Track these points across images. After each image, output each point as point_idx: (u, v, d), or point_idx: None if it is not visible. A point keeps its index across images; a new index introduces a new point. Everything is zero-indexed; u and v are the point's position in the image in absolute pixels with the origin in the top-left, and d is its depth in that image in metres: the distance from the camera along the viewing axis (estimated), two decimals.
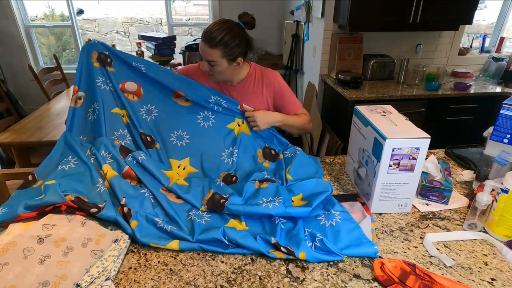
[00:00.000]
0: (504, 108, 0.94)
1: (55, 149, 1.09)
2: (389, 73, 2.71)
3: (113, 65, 1.19)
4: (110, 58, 1.19)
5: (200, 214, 0.93)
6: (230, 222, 0.89)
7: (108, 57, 1.18)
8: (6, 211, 0.84)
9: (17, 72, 3.52)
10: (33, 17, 3.77)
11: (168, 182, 1.03)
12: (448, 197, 0.99)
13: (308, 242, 0.81)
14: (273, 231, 0.86)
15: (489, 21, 3.31)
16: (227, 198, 0.96)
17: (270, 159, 1.21)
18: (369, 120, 0.96)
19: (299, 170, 1.11)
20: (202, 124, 1.20)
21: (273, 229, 0.87)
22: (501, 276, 0.75)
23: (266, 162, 1.20)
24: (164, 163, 1.15)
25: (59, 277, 0.68)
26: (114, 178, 0.97)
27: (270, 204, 0.90)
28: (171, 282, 0.73)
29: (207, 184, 1.06)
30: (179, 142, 1.18)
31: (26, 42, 3.48)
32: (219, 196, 0.97)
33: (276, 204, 0.90)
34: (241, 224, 0.89)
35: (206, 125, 1.20)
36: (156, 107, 1.20)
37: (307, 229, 0.85)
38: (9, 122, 2.14)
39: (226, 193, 0.99)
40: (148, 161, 1.07)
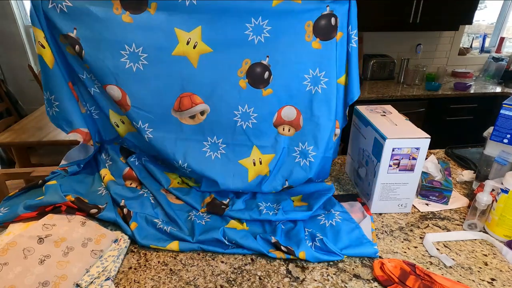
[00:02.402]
0: (504, 108, 0.94)
1: None
2: (389, 73, 2.71)
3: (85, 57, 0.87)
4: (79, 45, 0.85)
5: (200, 215, 0.93)
6: (230, 223, 0.89)
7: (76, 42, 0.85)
8: (6, 211, 0.84)
9: (17, 72, 3.52)
10: None
11: (168, 183, 1.02)
12: (448, 197, 0.99)
13: (308, 242, 0.81)
14: (273, 231, 0.86)
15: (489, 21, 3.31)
16: (227, 203, 0.96)
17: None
18: (369, 120, 0.96)
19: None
20: (209, 154, 1.00)
21: (273, 229, 0.87)
22: (501, 276, 0.75)
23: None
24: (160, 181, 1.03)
25: (59, 277, 0.68)
26: (110, 183, 0.96)
27: (270, 212, 0.90)
28: (171, 282, 0.73)
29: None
30: (182, 171, 1.00)
31: (26, 42, 3.48)
32: (220, 202, 0.96)
33: (276, 212, 0.90)
34: (242, 225, 0.89)
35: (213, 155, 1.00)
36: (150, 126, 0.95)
37: (307, 229, 0.85)
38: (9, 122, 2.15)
39: (227, 198, 0.99)
40: (151, 162, 1.05)
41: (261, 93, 0.94)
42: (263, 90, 0.94)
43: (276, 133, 0.99)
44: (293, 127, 0.98)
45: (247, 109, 0.95)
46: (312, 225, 0.89)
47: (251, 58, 0.91)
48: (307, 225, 0.88)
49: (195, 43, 0.88)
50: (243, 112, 0.95)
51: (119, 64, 0.87)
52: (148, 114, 0.93)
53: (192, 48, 0.88)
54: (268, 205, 0.94)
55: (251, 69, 0.92)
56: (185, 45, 0.88)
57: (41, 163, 2.10)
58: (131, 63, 0.88)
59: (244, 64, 0.91)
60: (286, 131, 0.99)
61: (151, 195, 0.98)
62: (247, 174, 0.99)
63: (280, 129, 0.99)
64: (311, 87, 0.94)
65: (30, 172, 1.29)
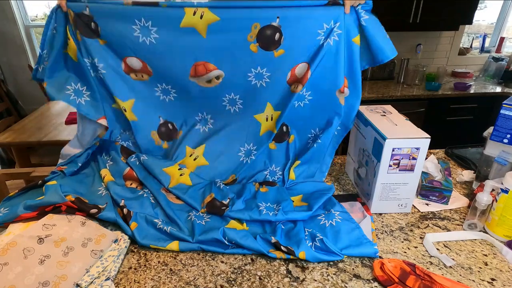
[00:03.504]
0: (504, 108, 0.94)
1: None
2: (389, 73, 2.71)
3: (101, 32, 0.93)
4: (94, 22, 0.91)
5: (200, 215, 0.93)
6: (230, 223, 0.89)
7: (91, 19, 0.91)
8: (6, 212, 0.84)
9: (17, 72, 3.52)
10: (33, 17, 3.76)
11: (168, 181, 1.02)
12: (448, 197, 0.99)
13: (308, 242, 0.81)
14: (273, 231, 0.86)
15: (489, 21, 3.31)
16: (227, 204, 0.95)
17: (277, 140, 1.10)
18: (369, 120, 0.96)
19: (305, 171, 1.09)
20: (228, 108, 1.06)
21: (273, 230, 0.87)
22: (501, 276, 0.75)
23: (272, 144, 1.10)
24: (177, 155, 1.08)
25: (59, 277, 0.68)
26: (110, 183, 0.96)
27: (270, 213, 0.90)
28: (171, 282, 0.73)
29: (208, 187, 1.04)
30: (202, 127, 1.08)
31: (26, 42, 3.48)
32: (220, 203, 0.96)
33: (276, 213, 0.90)
34: (242, 225, 0.89)
35: (232, 109, 1.06)
36: (172, 87, 1.03)
37: (307, 229, 0.85)
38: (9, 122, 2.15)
39: (227, 198, 0.98)
40: (149, 160, 1.04)
41: (273, 54, 0.95)
42: (274, 52, 0.95)
43: (289, 91, 1.02)
44: (302, 84, 0.99)
45: (260, 70, 0.98)
46: (312, 225, 0.89)
47: (260, 22, 0.91)
48: (307, 225, 0.88)
49: (202, 13, 0.90)
50: (256, 73, 0.99)
51: (133, 38, 0.93)
52: (168, 78, 1.01)
53: (199, 18, 0.90)
54: (268, 205, 0.94)
55: (261, 32, 0.92)
56: (192, 17, 0.90)
57: (41, 163, 2.10)
58: (143, 37, 0.93)
59: (253, 28, 0.91)
60: (299, 88, 1.00)
61: (151, 196, 0.98)
62: (260, 128, 1.07)
63: (293, 87, 1.01)
64: (323, 40, 0.94)
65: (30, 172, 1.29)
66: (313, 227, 0.87)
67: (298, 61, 0.98)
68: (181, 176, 1.04)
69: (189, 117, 1.08)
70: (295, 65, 0.98)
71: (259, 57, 0.96)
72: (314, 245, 0.80)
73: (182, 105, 1.06)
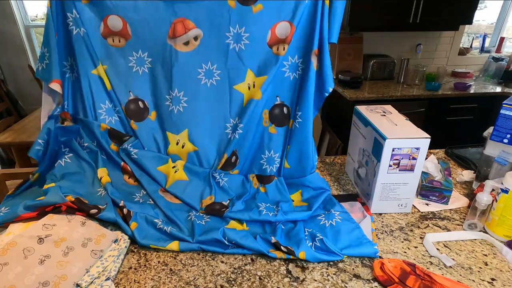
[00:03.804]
0: (504, 108, 0.94)
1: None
2: (389, 73, 2.71)
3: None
4: None
5: (199, 215, 0.93)
6: (230, 223, 0.89)
7: None
8: (7, 211, 0.84)
9: (17, 72, 3.52)
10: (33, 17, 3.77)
11: (165, 181, 1.00)
12: (448, 197, 0.99)
13: (308, 242, 0.81)
14: (273, 231, 0.86)
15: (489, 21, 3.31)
16: (227, 205, 0.95)
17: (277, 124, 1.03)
18: (369, 120, 0.96)
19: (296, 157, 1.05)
20: (204, 81, 0.98)
21: (273, 230, 0.87)
22: (501, 276, 0.75)
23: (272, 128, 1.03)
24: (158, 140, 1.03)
25: (59, 277, 0.68)
26: (108, 185, 0.95)
27: (270, 213, 0.90)
28: (171, 282, 0.73)
29: (207, 184, 1.01)
30: (175, 107, 1.00)
31: (26, 42, 3.48)
32: (220, 205, 0.95)
33: (276, 214, 0.90)
34: (241, 226, 0.89)
35: (208, 83, 0.98)
36: (149, 55, 0.96)
37: (307, 229, 0.85)
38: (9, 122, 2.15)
39: (227, 199, 0.98)
40: (142, 156, 0.99)
41: (251, 10, 0.92)
42: (253, 7, 0.92)
43: (271, 53, 0.96)
44: (286, 43, 0.94)
45: (239, 30, 0.93)
46: (312, 225, 0.89)
47: None
48: (307, 225, 0.89)
49: None
50: (235, 33, 0.94)
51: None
52: (146, 42, 0.95)
53: None
54: (268, 206, 0.94)
55: None
56: None
57: None
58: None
59: None
60: (281, 49, 0.95)
61: (150, 199, 0.97)
62: (243, 99, 0.99)
63: (274, 49, 0.96)
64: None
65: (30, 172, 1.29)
66: (313, 227, 0.87)
67: (277, 19, 0.93)
68: (176, 173, 1.01)
69: (160, 95, 1.00)
70: (275, 23, 0.93)
71: (236, 13, 0.92)
72: (314, 245, 0.80)
73: (154, 80, 0.99)
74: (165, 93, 0.99)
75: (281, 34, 0.94)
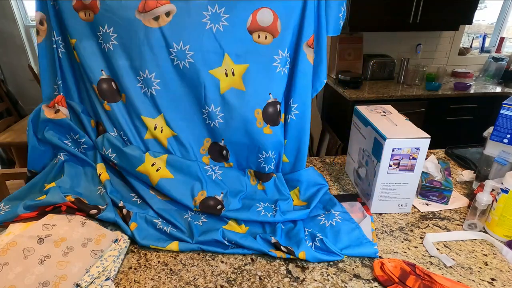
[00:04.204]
0: (504, 108, 0.94)
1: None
2: (389, 73, 2.71)
3: None
4: None
5: (196, 215, 0.92)
6: (229, 224, 0.89)
7: None
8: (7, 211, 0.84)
9: (17, 72, 3.52)
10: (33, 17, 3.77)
11: (149, 181, 0.94)
12: (448, 197, 0.99)
13: (308, 242, 0.81)
14: (273, 231, 0.86)
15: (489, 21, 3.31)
16: (222, 202, 0.93)
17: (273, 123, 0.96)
18: (369, 120, 0.96)
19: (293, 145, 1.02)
20: (176, 62, 0.89)
21: (273, 230, 0.87)
22: (501, 276, 0.75)
23: (267, 128, 0.96)
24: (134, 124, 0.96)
25: (59, 277, 0.68)
26: (107, 182, 0.95)
27: (269, 214, 0.90)
28: (171, 282, 0.73)
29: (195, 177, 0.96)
30: (148, 89, 0.92)
31: (26, 42, 3.48)
32: (214, 201, 0.93)
33: (274, 214, 0.89)
34: (240, 228, 0.88)
35: (181, 64, 0.88)
36: (114, 30, 0.88)
37: (307, 229, 0.85)
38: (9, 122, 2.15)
39: (220, 192, 0.94)
40: (120, 159, 0.94)
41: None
42: None
43: (251, 40, 0.88)
44: (270, 34, 0.88)
45: (218, 10, 0.86)
46: (312, 225, 0.89)
47: None
48: (307, 225, 0.88)
49: None
50: (213, 12, 0.86)
51: None
52: (114, 16, 0.87)
53: None
54: (266, 205, 0.94)
55: None
56: None
57: None
58: None
59: None
60: (263, 38, 0.88)
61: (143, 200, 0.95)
62: (219, 86, 0.90)
63: (255, 36, 0.88)
64: None
65: None
66: (313, 227, 0.87)
67: (260, 5, 0.86)
68: (158, 172, 0.94)
69: (129, 75, 0.91)
70: (256, 8, 0.86)
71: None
72: (314, 245, 0.80)
73: (120, 57, 0.90)
74: (135, 74, 0.90)
75: (262, 21, 0.87)
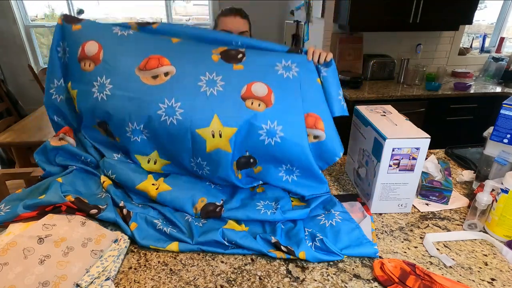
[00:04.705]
0: (504, 108, 0.94)
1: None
2: (389, 73, 2.71)
3: (82, 22, 0.98)
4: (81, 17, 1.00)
5: (196, 217, 0.92)
6: (228, 223, 0.89)
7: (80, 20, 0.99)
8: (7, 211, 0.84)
9: (17, 72, 3.52)
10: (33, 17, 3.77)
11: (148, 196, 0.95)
12: (448, 197, 0.99)
13: (308, 242, 0.81)
14: (273, 231, 0.86)
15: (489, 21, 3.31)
16: (222, 205, 0.93)
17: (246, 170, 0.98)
18: (369, 120, 0.96)
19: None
20: (164, 118, 0.89)
21: (273, 229, 0.87)
22: (501, 276, 0.75)
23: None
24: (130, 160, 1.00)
25: (59, 277, 0.68)
26: (110, 186, 0.96)
27: (269, 211, 0.90)
28: (171, 282, 0.73)
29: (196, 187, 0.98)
30: (138, 137, 0.94)
31: (26, 42, 3.48)
32: (214, 206, 0.92)
33: (274, 211, 0.89)
34: (240, 226, 0.88)
35: (168, 120, 0.88)
36: (111, 81, 0.91)
37: (307, 229, 0.85)
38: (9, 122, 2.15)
39: (220, 199, 0.95)
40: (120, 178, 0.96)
41: (232, 67, 0.94)
42: (234, 65, 0.94)
43: (243, 106, 0.90)
44: (264, 103, 0.90)
45: (215, 77, 0.91)
46: (312, 225, 0.89)
47: (228, 46, 0.99)
48: (307, 225, 0.88)
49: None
50: (210, 79, 0.90)
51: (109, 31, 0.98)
52: (113, 69, 0.92)
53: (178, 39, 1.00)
54: (267, 203, 0.94)
55: (226, 51, 0.97)
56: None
57: None
58: (122, 31, 0.98)
59: (220, 48, 0.98)
60: (256, 105, 0.90)
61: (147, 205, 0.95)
62: (205, 145, 0.89)
63: (248, 103, 0.90)
64: (282, 71, 0.95)
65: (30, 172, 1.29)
66: (313, 227, 0.87)
67: (256, 79, 0.93)
68: (157, 189, 0.94)
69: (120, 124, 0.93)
70: (253, 81, 0.92)
71: (217, 66, 0.93)
72: (314, 245, 0.80)
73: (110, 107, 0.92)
74: (124, 125, 0.92)
75: (256, 92, 0.91)
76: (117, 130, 0.95)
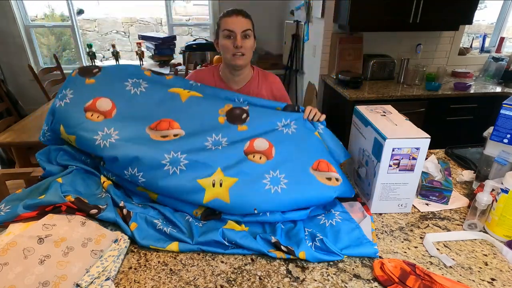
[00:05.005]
0: (504, 108, 0.94)
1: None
2: (389, 73, 2.71)
3: (97, 76, 1.04)
4: (98, 69, 1.04)
5: (196, 218, 0.93)
6: (228, 223, 0.89)
7: (97, 68, 1.05)
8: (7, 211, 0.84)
9: (17, 72, 3.52)
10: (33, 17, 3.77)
11: (148, 196, 0.97)
12: (448, 197, 0.99)
13: (308, 242, 0.81)
14: (273, 231, 0.86)
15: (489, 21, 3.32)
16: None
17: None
18: (369, 120, 0.96)
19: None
20: (167, 168, 0.90)
21: (273, 229, 0.87)
22: (501, 276, 0.75)
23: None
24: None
25: (59, 277, 0.68)
26: (110, 186, 0.96)
27: (268, 212, 0.90)
28: (171, 282, 0.73)
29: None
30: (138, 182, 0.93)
31: (26, 42, 3.48)
32: (214, 210, 0.92)
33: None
34: (240, 226, 0.88)
35: (171, 171, 0.90)
36: (118, 134, 0.94)
37: (307, 229, 0.85)
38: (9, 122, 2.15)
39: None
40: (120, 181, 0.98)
41: (237, 128, 1.03)
42: (238, 126, 1.03)
43: (245, 158, 0.96)
44: (265, 156, 0.98)
45: (221, 138, 1.00)
46: (312, 225, 0.89)
47: (233, 104, 1.08)
48: (307, 225, 0.88)
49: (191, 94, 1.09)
50: (216, 140, 0.99)
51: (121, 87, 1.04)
52: (125, 125, 0.97)
53: (186, 91, 1.08)
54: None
55: (231, 110, 1.06)
56: (181, 90, 1.08)
57: None
58: (134, 88, 1.05)
59: (226, 106, 1.07)
60: (257, 158, 0.97)
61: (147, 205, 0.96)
62: (204, 195, 0.89)
63: (250, 156, 0.97)
64: (282, 128, 1.06)
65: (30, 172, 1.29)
66: (313, 227, 0.87)
67: (258, 136, 1.02)
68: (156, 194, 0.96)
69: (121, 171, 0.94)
70: (255, 137, 1.01)
71: (223, 128, 1.02)
72: (314, 245, 0.80)
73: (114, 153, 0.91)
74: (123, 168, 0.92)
75: (258, 147, 1.00)
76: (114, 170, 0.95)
